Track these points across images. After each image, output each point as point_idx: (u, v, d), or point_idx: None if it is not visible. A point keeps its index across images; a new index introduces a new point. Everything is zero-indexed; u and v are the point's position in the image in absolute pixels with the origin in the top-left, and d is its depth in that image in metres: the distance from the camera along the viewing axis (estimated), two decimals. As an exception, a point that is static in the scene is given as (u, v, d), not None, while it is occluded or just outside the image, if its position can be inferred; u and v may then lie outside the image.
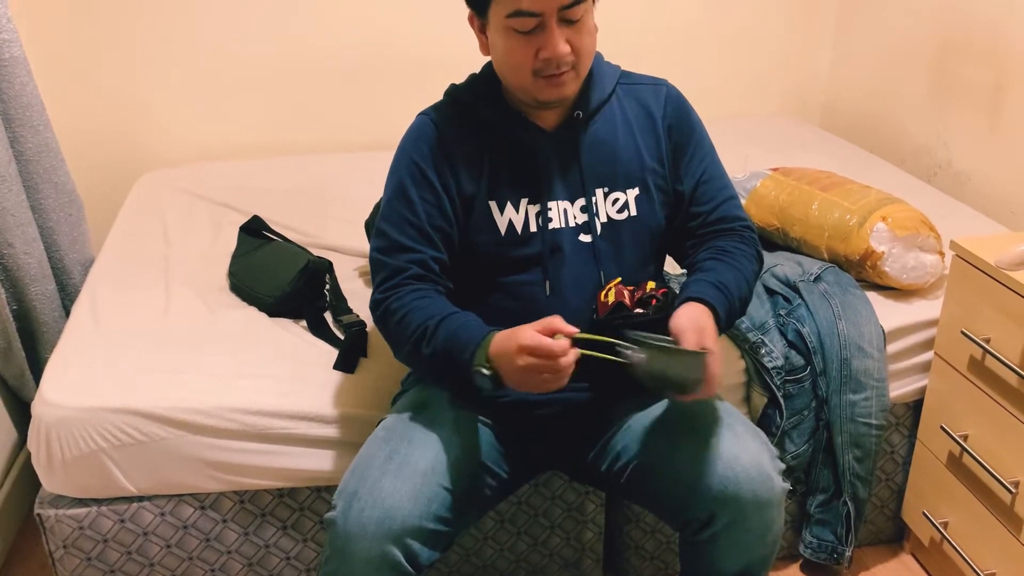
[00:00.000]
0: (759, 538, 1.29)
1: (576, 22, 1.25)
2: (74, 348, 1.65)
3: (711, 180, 1.42)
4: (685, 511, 1.28)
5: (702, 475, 1.25)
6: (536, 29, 1.24)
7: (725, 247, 1.39)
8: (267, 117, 2.63)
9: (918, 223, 1.77)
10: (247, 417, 1.52)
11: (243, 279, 1.85)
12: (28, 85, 1.91)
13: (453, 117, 1.37)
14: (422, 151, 1.35)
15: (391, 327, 1.33)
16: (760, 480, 1.25)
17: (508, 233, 1.36)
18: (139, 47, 2.49)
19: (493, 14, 1.26)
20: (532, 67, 1.26)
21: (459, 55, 2.57)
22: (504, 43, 1.26)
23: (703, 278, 1.33)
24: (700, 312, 1.26)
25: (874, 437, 1.69)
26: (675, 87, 1.44)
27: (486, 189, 1.35)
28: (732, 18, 2.78)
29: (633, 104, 1.40)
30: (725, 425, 1.30)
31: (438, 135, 1.35)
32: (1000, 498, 1.56)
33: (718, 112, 2.66)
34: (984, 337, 1.55)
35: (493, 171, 1.35)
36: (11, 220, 1.85)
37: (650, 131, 1.40)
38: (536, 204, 1.36)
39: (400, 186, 1.36)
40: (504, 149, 1.36)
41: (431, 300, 1.31)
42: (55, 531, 1.56)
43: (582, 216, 1.37)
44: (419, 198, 1.34)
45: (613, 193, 1.38)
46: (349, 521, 1.20)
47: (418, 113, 1.40)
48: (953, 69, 2.31)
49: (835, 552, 1.75)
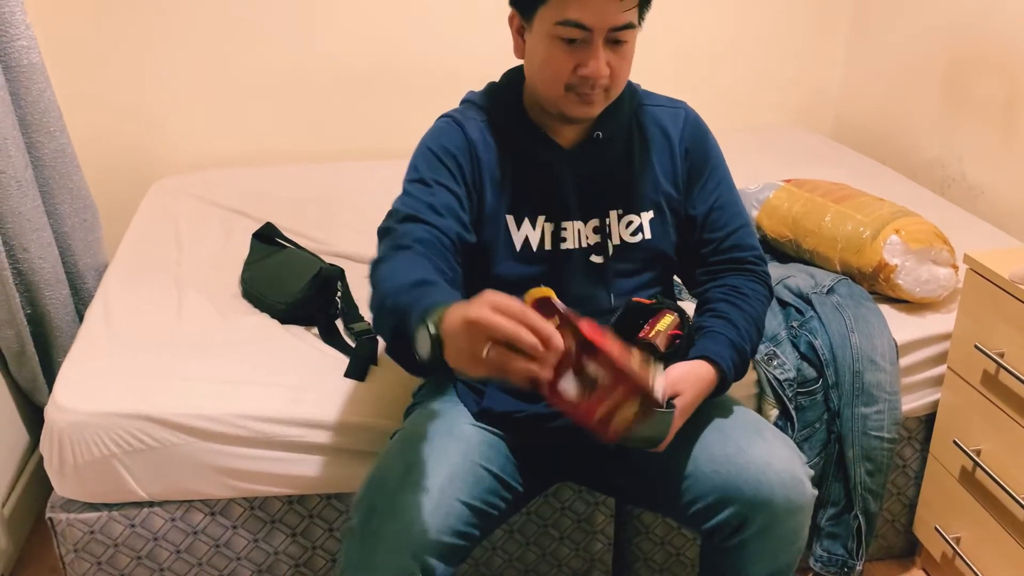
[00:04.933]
0: (788, 544, 1.30)
1: (621, 45, 1.24)
2: (87, 353, 1.66)
3: (724, 207, 1.40)
4: (715, 516, 1.28)
5: (735, 480, 1.25)
6: (581, 43, 1.22)
7: (740, 288, 1.38)
8: (280, 125, 2.65)
9: (932, 236, 1.76)
10: (258, 424, 1.52)
11: (255, 286, 1.86)
12: (46, 91, 1.92)
13: (474, 122, 1.35)
14: (442, 146, 1.32)
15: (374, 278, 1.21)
16: (792, 485, 1.25)
17: (523, 249, 1.34)
18: (154, 56, 2.50)
19: (540, 18, 1.23)
20: (567, 81, 1.24)
21: (471, 65, 2.58)
22: (545, 50, 1.24)
23: (720, 331, 1.32)
24: (699, 372, 1.27)
25: (886, 451, 1.68)
26: (694, 110, 1.42)
27: (506, 202, 1.34)
28: (746, 31, 2.78)
29: (651, 125, 1.39)
30: (754, 431, 1.31)
31: (462, 136, 1.33)
32: (1013, 514, 1.54)
33: (731, 124, 2.66)
34: (998, 351, 1.54)
35: (513, 184, 1.34)
36: (27, 225, 1.86)
37: (667, 154, 1.38)
38: (552, 223, 1.34)
39: (420, 175, 1.31)
40: (523, 164, 1.34)
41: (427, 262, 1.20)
42: (66, 535, 1.56)
43: (594, 237, 1.36)
44: (435, 181, 1.29)
45: (627, 216, 1.37)
46: (367, 535, 1.20)
47: (440, 116, 1.38)
48: (966, 82, 2.30)
49: (846, 566, 1.74)
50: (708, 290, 1.40)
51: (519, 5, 1.27)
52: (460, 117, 1.35)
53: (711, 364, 1.29)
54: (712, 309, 1.37)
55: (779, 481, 1.24)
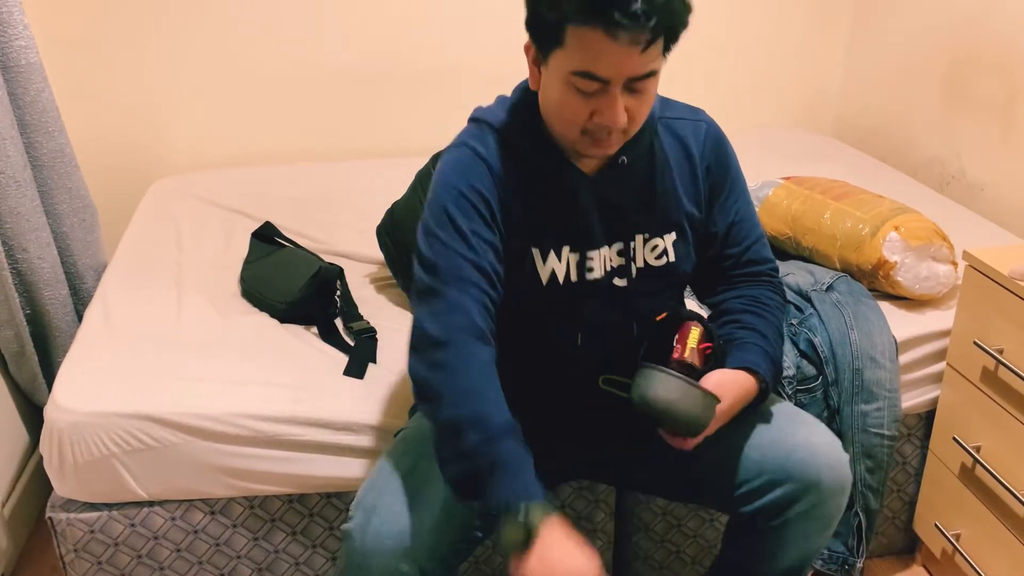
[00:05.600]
0: (826, 526, 1.33)
1: (641, 92, 1.17)
2: (86, 353, 1.66)
3: (743, 221, 1.39)
4: (760, 499, 1.30)
5: (783, 463, 1.29)
6: (598, 92, 1.14)
7: (760, 298, 1.38)
8: (279, 125, 2.65)
9: (931, 233, 1.76)
10: (257, 423, 1.52)
11: (255, 285, 1.86)
12: (44, 91, 1.92)
13: (496, 150, 1.26)
14: (472, 186, 1.23)
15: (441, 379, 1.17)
16: (838, 467, 1.30)
17: (550, 283, 1.29)
18: (153, 55, 2.50)
19: (556, 62, 1.15)
20: (583, 126, 1.18)
21: (472, 64, 2.59)
22: (560, 95, 1.17)
23: (754, 342, 1.32)
24: (740, 380, 1.28)
25: (886, 448, 1.68)
26: (714, 121, 1.37)
27: (532, 235, 1.28)
28: (746, 29, 2.78)
29: (672, 141, 1.33)
30: (795, 417, 1.36)
31: (488, 171, 1.24)
32: (1013, 510, 1.54)
33: (732, 122, 2.64)
34: (997, 348, 1.54)
35: (537, 216, 1.27)
36: (25, 225, 1.86)
37: (688, 173, 1.34)
38: (576, 252, 1.29)
39: (449, 218, 1.22)
40: (546, 193, 1.27)
41: (493, 383, 1.18)
42: (66, 535, 1.56)
43: (618, 260, 1.31)
44: (472, 232, 1.22)
45: (652, 240, 1.32)
46: (367, 536, 1.19)
47: (454, 144, 1.29)
48: (966, 80, 2.30)
49: (846, 563, 1.74)
50: (727, 300, 1.40)
51: (536, 40, 1.18)
52: (482, 148, 1.26)
53: (751, 374, 1.29)
54: (738, 320, 1.36)
55: (827, 463, 1.29)
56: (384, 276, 1.98)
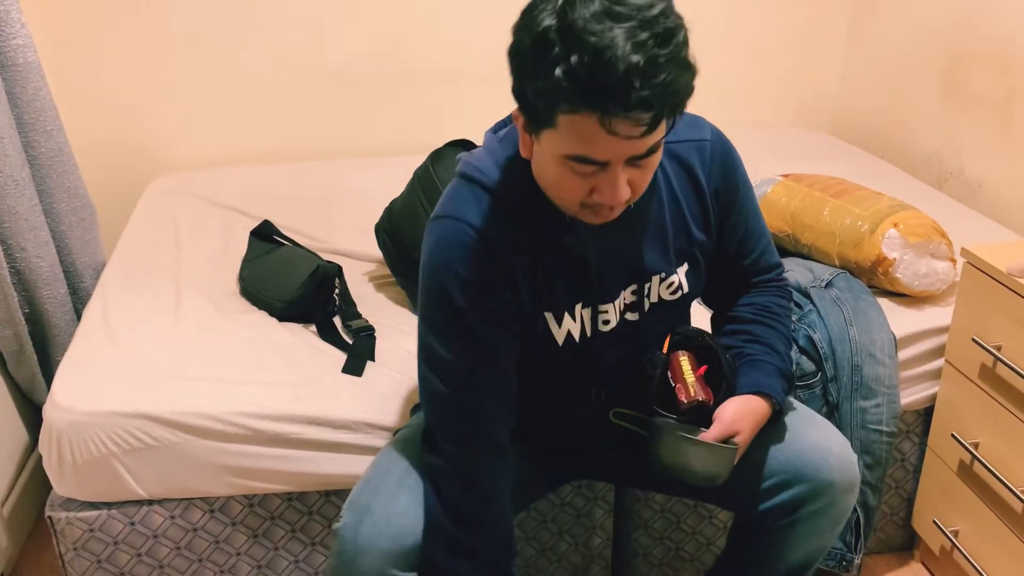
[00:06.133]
0: (835, 524, 1.34)
1: (644, 166, 1.07)
2: (85, 352, 1.66)
3: (752, 232, 1.35)
4: (772, 498, 1.30)
5: (795, 463, 1.29)
6: (596, 171, 1.04)
7: (770, 307, 1.37)
8: (277, 123, 2.64)
9: (930, 230, 1.76)
10: (256, 421, 1.52)
11: (253, 283, 1.86)
12: (42, 90, 1.92)
13: (493, 221, 1.14)
14: (471, 266, 1.13)
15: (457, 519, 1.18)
16: (848, 467, 1.31)
17: (566, 343, 1.24)
18: (151, 54, 2.50)
19: (548, 140, 1.04)
20: (582, 201, 1.08)
21: (471, 63, 2.59)
22: (555, 172, 1.07)
23: (765, 359, 1.31)
24: (754, 408, 1.26)
25: (885, 444, 1.69)
26: (717, 132, 1.28)
27: (543, 300, 1.20)
28: (745, 27, 2.78)
29: (677, 169, 1.24)
30: (806, 418, 1.37)
31: (485, 247, 1.13)
32: (1011, 507, 1.55)
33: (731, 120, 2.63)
34: (995, 345, 1.54)
35: (546, 281, 1.19)
36: (24, 224, 1.86)
37: (696, 201, 1.26)
38: (588, 307, 1.23)
39: (454, 311, 1.14)
40: (552, 254, 1.19)
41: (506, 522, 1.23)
42: (66, 533, 1.57)
43: (631, 297, 1.26)
44: (481, 322, 1.15)
45: (668, 278, 1.27)
46: (360, 535, 1.19)
47: (447, 215, 1.16)
48: (964, 78, 2.30)
49: (844, 560, 1.74)
50: (735, 308, 1.38)
51: (524, 114, 1.06)
52: (477, 222, 1.14)
53: (764, 398, 1.28)
54: (748, 332, 1.35)
55: (839, 464, 1.30)
56: (383, 274, 1.98)
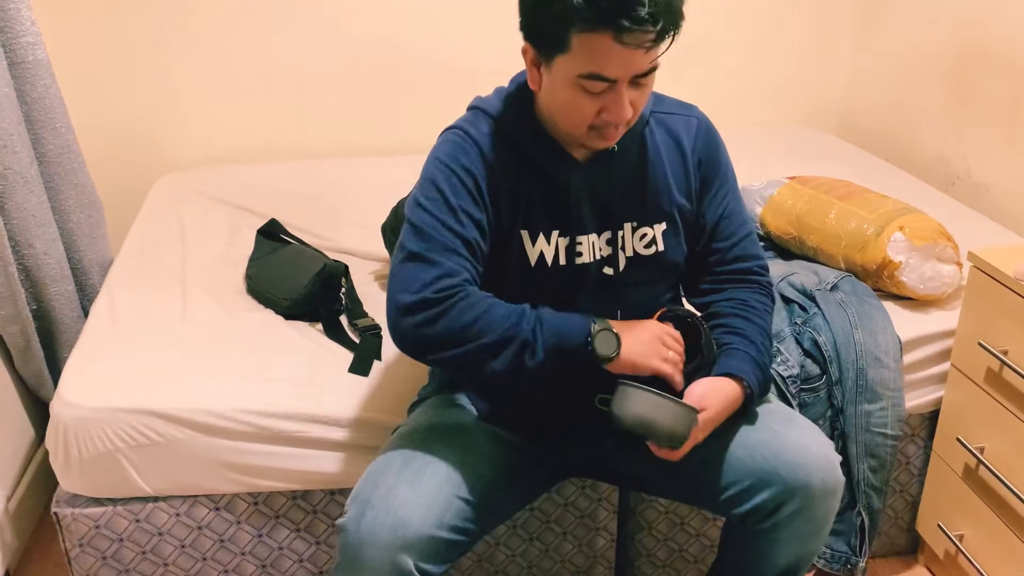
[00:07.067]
0: (818, 528, 1.33)
1: (644, 85, 1.22)
2: (92, 348, 1.66)
3: (732, 216, 1.40)
4: (749, 500, 1.30)
5: (772, 464, 1.28)
6: (605, 90, 1.19)
7: (748, 301, 1.39)
8: (284, 121, 2.65)
9: (936, 233, 1.76)
10: (262, 419, 1.53)
11: (260, 282, 1.86)
12: (51, 88, 1.93)
13: (488, 137, 1.30)
14: (462, 165, 1.27)
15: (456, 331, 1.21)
16: (828, 469, 1.29)
17: (538, 265, 1.32)
18: (158, 52, 2.51)
19: (560, 65, 1.19)
20: (591, 123, 1.22)
21: (475, 60, 2.59)
22: (567, 96, 1.21)
23: (741, 348, 1.33)
24: (724, 388, 1.28)
25: (889, 448, 1.69)
26: (705, 117, 1.41)
27: (520, 217, 1.31)
28: (751, 29, 2.78)
29: (664, 135, 1.37)
30: (787, 418, 1.35)
31: (479, 153, 1.28)
32: (1017, 512, 1.54)
33: (736, 122, 2.66)
34: (1002, 349, 1.54)
35: (527, 200, 1.31)
36: (32, 221, 1.87)
37: (680, 165, 1.37)
38: (566, 237, 1.32)
39: (439, 193, 1.26)
40: (538, 178, 1.31)
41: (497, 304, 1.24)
42: (71, 530, 1.57)
43: (607, 249, 1.34)
44: (460, 208, 1.26)
45: (641, 228, 1.35)
46: (361, 528, 1.20)
47: (447, 129, 1.34)
48: (971, 81, 2.29)
49: (848, 563, 1.74)
50: (715, 303, 1.40)
51: (537, 46, 1.22)
52: (473, 131, 1.30)
53: (735, 381, 1.30)
54: (725, 325, 1.37)
55: (816, 465, 1.28)
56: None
